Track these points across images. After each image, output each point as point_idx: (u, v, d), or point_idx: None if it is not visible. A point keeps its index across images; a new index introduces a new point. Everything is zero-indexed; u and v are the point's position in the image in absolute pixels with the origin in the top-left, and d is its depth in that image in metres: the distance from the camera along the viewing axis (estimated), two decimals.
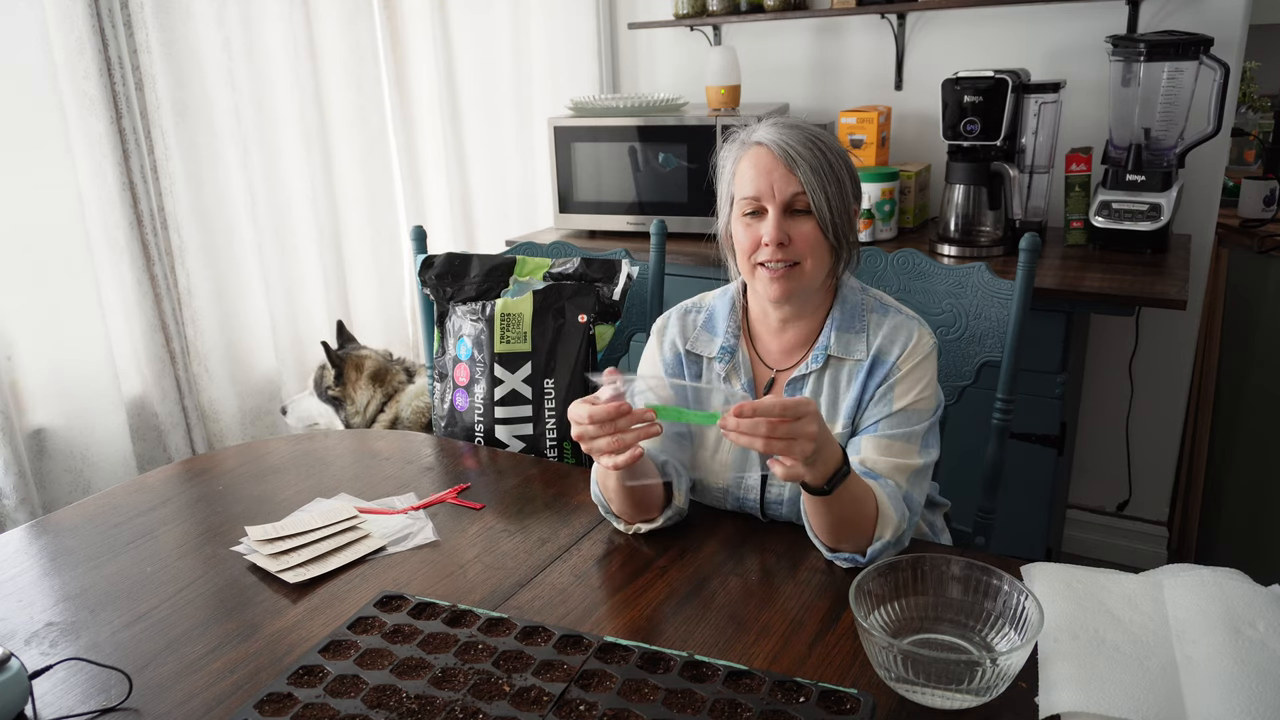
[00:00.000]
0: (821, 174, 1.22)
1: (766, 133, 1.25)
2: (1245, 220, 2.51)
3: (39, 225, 1.77)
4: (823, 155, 1.23)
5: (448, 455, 1.58)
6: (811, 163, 1.22)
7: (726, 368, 1.34)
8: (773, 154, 1.22)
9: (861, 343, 1.29)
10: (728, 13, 2.70)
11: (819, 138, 1.24)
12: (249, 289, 2.15)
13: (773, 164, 1.22)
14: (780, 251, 1.23)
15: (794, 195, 1.22)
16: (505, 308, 1.68)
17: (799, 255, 1.24)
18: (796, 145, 1.22)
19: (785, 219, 1.23)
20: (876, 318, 1.30)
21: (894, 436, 1.23)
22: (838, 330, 1.30)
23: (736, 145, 1.29)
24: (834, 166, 1.23)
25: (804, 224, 1.23)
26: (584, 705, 0.90)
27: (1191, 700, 0.87)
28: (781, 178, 1.22)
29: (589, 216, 2.60)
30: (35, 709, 0.96)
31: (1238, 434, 2.54)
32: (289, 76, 2.16)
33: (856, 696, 0.89)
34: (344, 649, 1.00)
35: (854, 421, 1.28)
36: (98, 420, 1.86)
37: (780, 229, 1.22)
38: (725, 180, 1.30)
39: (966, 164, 2.22)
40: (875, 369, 1.27)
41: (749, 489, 1.32)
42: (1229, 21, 2.22)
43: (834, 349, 1.29)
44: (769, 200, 1.23)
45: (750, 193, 1.24)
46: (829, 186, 1.22)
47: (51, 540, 1.31)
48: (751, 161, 1.24)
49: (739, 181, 1.26)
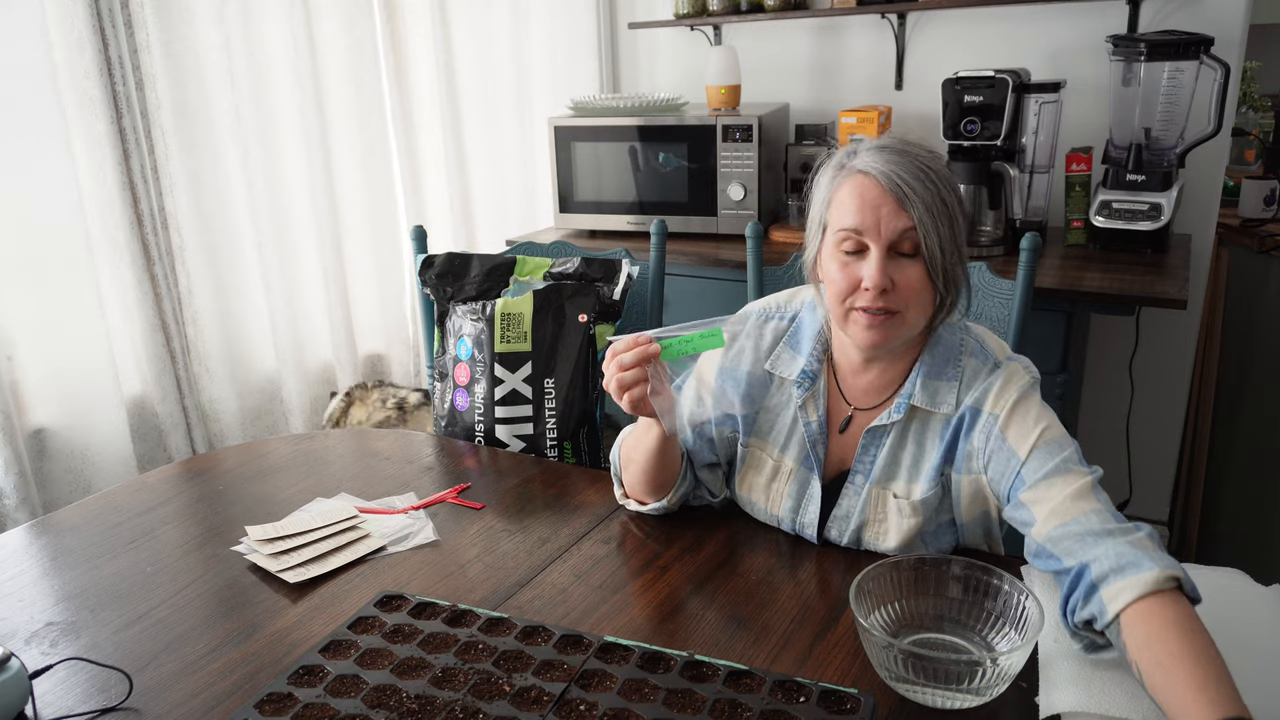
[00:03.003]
0: (935, 212, 1.06)
1: (873, 160, 1.09)
2: (1245, 220, 2.51)
3: (39, 225, 1.77)
4: (936, 190, 1.07)
5: (448, 455, 1.58)
6: (925, 199, 1.06)
7: (805, 396, 1.21)
8: (881, 186, 1.07)
9: (951, 393, 1.14)
10: (728, 12, 2.70)
11: (932, 168, 1.08)
12: (249, 289, 2.15)
13: (881, 197, 1.07)
14: (882, 298, 1.08)
15: (903, 234, 1.07)
16: (505, 307, 1.68)
17: (901, 304, 1.09)
18: (908, 178, 1.06)
19: (889, 261, 1.08)
20: (974, 363, 1.14)
21: (1050, 470, 1.04)
22: (925, 377, 1.15)
23: (833, 168, 1.14)
24: (948, 203, 1.08)
25: (910, 268, 1.08)
26: (584, 705, 0.90)
27: None
28: (890, 213, 1.06)
29: (589, 216, 2.60)
30: (35, 709, 0.96)
31: (1238, 434, 2.54)
32: (289, 76, 2.16)
33: (856, 696, 0.89)
34: (344, 649, 1.00)
35: (945, 479, 1.15)
36: (98, 420, 1.86)
37: (884, 272, 1.07)
38: (818, 205, 1.15)
39: (967, 164, 2.22)
40: (967, 423, 1.13)
41: (805, 525, 1.22)
42: (1229, 21, 2.22)
43: (919, 399, 1.14)
44: (873, 238, 1.08)
45: (852, 224, 1.08)
46: (942, 228, 1.07)
47: (51, 540, 1.31)
48: (855, 190, 1.09)
49: (836, 211, 1.11)
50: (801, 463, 1.22)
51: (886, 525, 1.18)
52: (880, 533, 1.19)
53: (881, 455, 1.18)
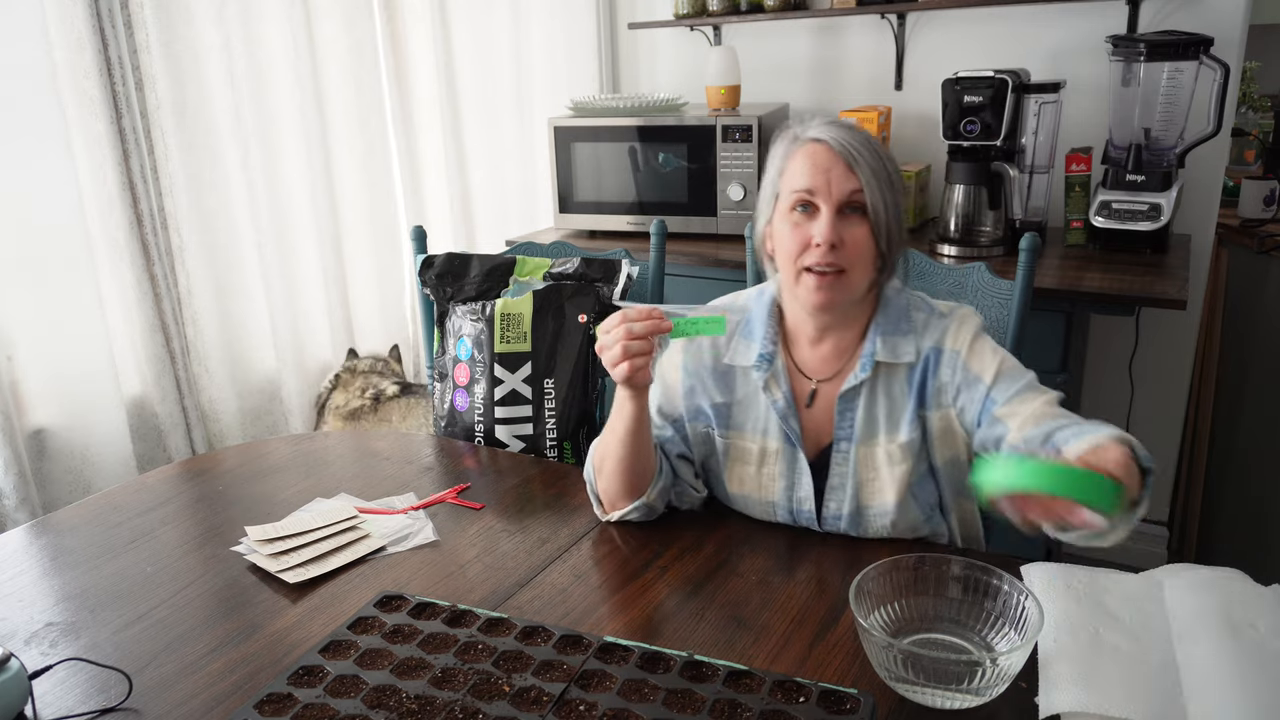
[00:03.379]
0: (880, 177, 1.17)
1: (823, 129, 1.19)
2: (1245, 220, 2.51)
3: (39, 225, 1.77)
4: (880, 159, 1.18)
5: (448, 455, 1.58)
6: (872, 164, 1.17)
7: (765, 376, 1.27)
8: (832, 150, 1.17)
9: (910, 344, 1.23)
10: (728, 13, 2.70)
11: (876, 142, 1.20)
12: (249, 289, 2.15)
13: (832, 160, 1.17)
14: (831, 254, 1.16)
15: (852, 193, 1.16)
16: (505, 308, 1.68)
17: (847, 262, 1.17)
18: (858, 144, 1.17)
19: (838, 220, 1.17)
20: (922, 316, 1.25)
21: (1019, 390, 1.17)
22: (884, 335, 1.24)
23: (788, 141, 1.23)
24: (890, 173, 1.19)
25: (857, 228, 1.18)
26: (584, 705, 0.90)
27: (1191, 700, 0.87)
28: (841, 175, 1.16)
29: (589, 216, 2.60)
30: (35, 709, 0.96)
31: (1238, 434, 2.54)
32: (289, 76, 2.16)
33: (856, 696, 0.89)
34: (344, 649, 1.00)
35: (921, 420, 1.23)
36: (98, 420, 1.86)
37: (834, 229, 1.16)
38: (771, 176, 1.24)
39: (966, 164, 2.22)
40: (931, 364, 1.22)
41: (801, 500, 1.27)
42: (1229, 21, 2.22)
43: (881, 354, 1.23)
44: (824, 197, 1.17)
45: (805, 184, 1.18)
46: (886, 193, 1.18)
47: (51, 540, 1.31)
48: (808, 156, 1.19)
49: (789, 176, 1.20)
50: (784, 440, 1.28)
51: (880, 480, 1.23)
52: (876, 490, 1.24)
53: (859, 416, 1.25)
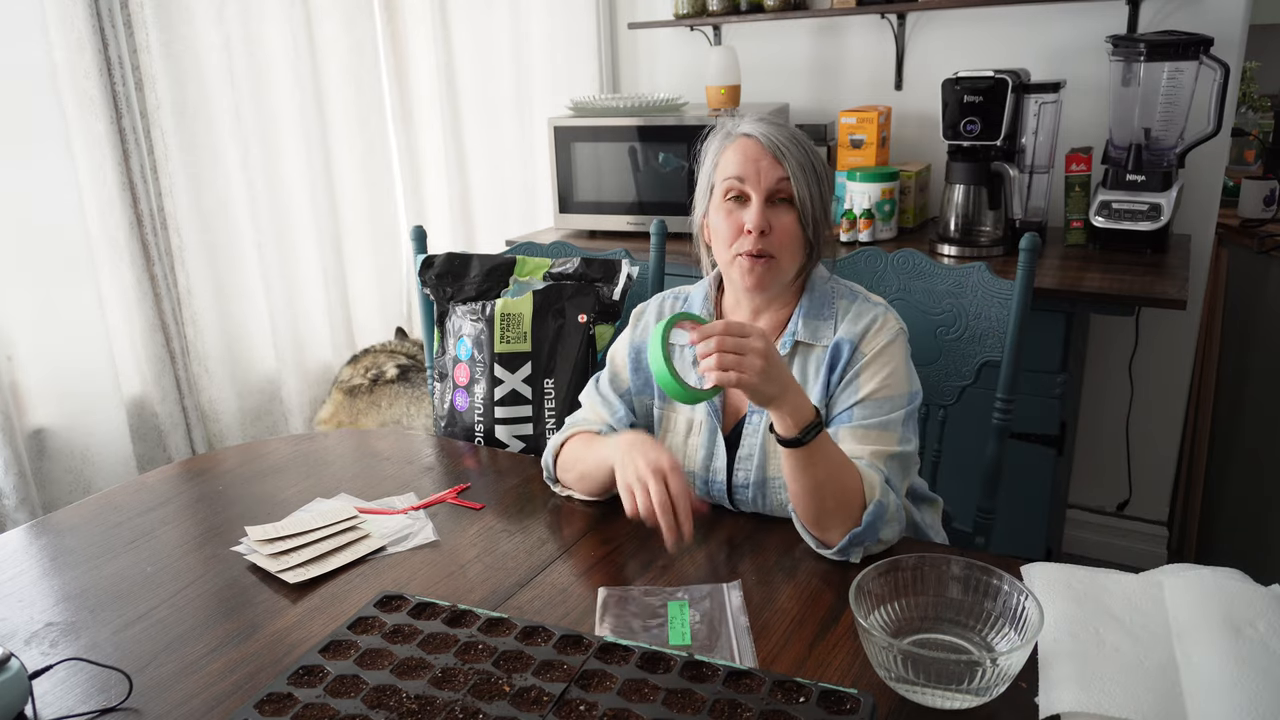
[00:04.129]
0: (805, 169, 1.26)
1: (753, 125, 1.29)
2: (1245, 220, 2.51)
3: (39, 225, 1.77)
4: (806, 153, 1.28)
5: (448, 455, 1.58)
6: (798, 157, 1.26)
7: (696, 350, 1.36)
8: (760, 144, 1.26)
9: (829, 329, 1.31)
10: (728, 13, 2.70)
11: (802, 137, 1.30)
12: (249, 289, 2.15)
13: (760, 153, 1.26)
14: (760, 240, 1.25)
15: (779, 183, 1.26)
16: (505, 308, 1.68)
17: (776, 249, 1.27)
18: (784, 139, 1.27)
19: (768, 209, 1.26)
20: (845, 304, 1.33)
21: (869, 425, 1.24)
22: (805, 317, 1.32)
23: (720, 136, 1.32)
24: (816, 166, 1.28)
25: (785, 216, 1.27)
26: (584, 705, 0.90)
27: (1191, 700, 0.87)
28: (769, 166, 1.26)
29: (589, 216, 2.60)
30: (35, 709, 0.96)
31: (1238, 433, 2.54)
32: (289, 76, 2.16)
33: (856, 696, 0.89)
34: (344, 649, 1.00)
35: (825, 408, 1.30)
36: (98, 420, 1.86)
37: (763, 216, 1.25)
38: (706, 170, 1.33)
39: (966, 164, 2.22)
40: (839, 354, 1.29)
41: (716, 471, 1.34)
42: (1229, 21, 2.22)
43: (801, 334, 1.31)
44: (754, 186, 1.26)
45: (736, 173, 1.27)
46: (811, 184, 1.27)
47: (51, 540, 1.31)
48: (739, 149, 1.28)
49: (723, 168, 1.29)
50: (709, 414, 1.35)
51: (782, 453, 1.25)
52: (779, 463, 1.27)
53: None
